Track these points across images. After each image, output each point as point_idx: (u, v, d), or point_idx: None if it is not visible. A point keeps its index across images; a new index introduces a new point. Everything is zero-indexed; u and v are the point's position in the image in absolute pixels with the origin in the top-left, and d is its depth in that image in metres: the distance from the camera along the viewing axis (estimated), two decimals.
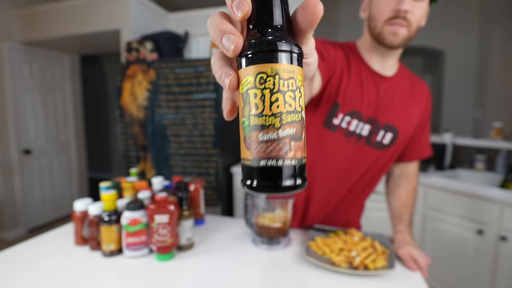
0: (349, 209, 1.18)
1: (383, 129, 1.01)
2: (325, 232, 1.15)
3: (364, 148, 1.02)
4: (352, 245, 0.99)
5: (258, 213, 1.11)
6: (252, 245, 1.11)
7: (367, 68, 0.99)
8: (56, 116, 4.15)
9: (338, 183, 1.08)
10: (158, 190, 1.22)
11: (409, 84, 1.06)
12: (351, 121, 0.98)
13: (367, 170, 1.07)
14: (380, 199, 2.45)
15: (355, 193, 1.13)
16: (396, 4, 0.85)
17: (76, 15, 3.20)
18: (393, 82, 1.01)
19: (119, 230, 0.99)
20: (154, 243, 0.96)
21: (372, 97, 0.98)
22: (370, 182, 1.12)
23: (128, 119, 2.75)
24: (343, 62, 0.97)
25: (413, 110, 1.05)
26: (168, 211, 0.94)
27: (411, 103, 1.05)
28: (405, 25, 0.87)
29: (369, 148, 1.02)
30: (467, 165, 2.77)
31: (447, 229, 2.25)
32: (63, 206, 4.31)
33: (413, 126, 1.07)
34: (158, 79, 2.64)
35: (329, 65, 0.92)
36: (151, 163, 2.73)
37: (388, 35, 0.90)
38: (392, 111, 1.01)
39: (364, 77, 0.97)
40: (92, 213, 1.02)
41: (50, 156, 4.07)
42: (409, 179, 1.16)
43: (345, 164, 1.04)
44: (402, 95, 1.03)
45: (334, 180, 1.07)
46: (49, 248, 1.07)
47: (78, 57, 4.45)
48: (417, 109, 1.06)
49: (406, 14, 0.86)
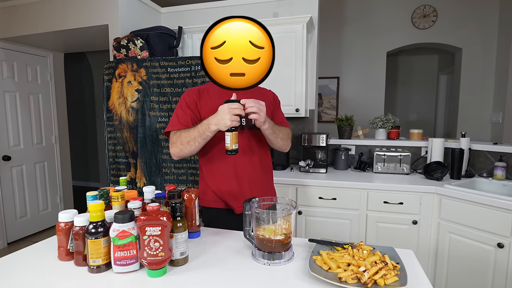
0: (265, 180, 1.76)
1: None
2: (331, 245, 1.15)
3: (248, 132, 1.63)
4: (360, 260, 0.99)
5: (258, 225, 1.11)
6: (251, 260, 1.11)
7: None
8: (39, 119, 4.15)
9: (244, 161, 1.63)
10: (150, 200, 1.22)
11: (256, 90, 1.63)
12: None
13: (256, 146, 1.67)
14: (389, 209, 2.46)
15: (258, 166, 1.68)
16: None
17: (60, 9, 3.20)
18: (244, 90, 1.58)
19: (107, 243, 0.99)
20: (145, 258, 0.96)
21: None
22: (263, 155, 1.74)
23: (117, 122, 2.75)
24: (196, 96, 1.62)
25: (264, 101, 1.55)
26: (160, 223, 0.95)
27: (261, 98, 1.57)
28: None
29: (251, 130, 1.63)
30: (486, 173, 2.77)
31: (464, 242, 2.24)
32: (46, 217, 4.30)
33: (269, 110, 1.69)
34: (150, 79, 2.65)
35: (193, 109, 1.59)
36: (142, 171, 2.73)
37: None
38: None
39: (222, 93, 1.49)
40: (77, 225, 1.03)
41: (32, 162, 4.07)
42: None
43: (243, 146, 1.59)
44: (255, 95, 1.58)
45: (242, 159, 1.62)
46: (29, 263, 1.07)
47: (63, 54, 4.47)
48: (268, 103, 1.66)
49: None
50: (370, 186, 2.51)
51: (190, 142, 1.47)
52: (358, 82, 5.00)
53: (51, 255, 1.11)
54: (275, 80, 2.87)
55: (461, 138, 2.79)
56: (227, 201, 1.64)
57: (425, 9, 4.55)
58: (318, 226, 2.64)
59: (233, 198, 1.63)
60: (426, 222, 2.42)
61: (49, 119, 4.30)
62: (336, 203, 2.58)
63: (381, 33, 4.76)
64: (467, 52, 4.47)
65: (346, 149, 3.08)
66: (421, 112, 6.10)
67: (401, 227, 2.47)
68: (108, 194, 1.20)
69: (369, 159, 3.13)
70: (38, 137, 4.15)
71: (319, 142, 2.88)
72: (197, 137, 1.44)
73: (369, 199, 2.52)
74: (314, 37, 3.20)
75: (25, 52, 3.91)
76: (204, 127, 1.41)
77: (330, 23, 4.86)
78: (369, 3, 4.77)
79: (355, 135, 3.34)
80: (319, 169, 2.90)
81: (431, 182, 2.54)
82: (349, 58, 4.99)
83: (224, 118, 1.32)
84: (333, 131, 3.69)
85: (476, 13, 4.35)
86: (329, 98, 5.21)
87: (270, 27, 2.82)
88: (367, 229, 2.55)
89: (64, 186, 4.57)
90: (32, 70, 4.02)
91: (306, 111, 3.01)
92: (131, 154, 2.75)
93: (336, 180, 2.60)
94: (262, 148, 1.72)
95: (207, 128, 1.40)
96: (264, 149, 1.75)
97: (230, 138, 1.35)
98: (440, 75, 5.79)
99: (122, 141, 2.76)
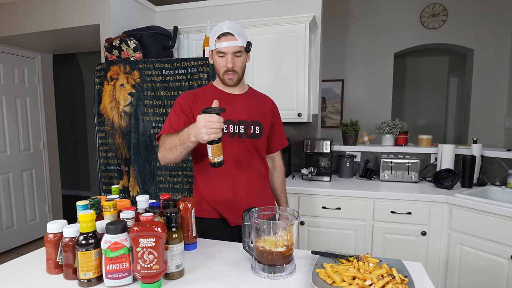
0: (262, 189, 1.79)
1: (252, 124, 1.67)
2: (335, 257, 1.15)
3: (246, 140, 1.66)
4: (366, 273, 0.99)
5: (258, 236, 1.11)
6: (251, 273, 1.11)
7: (222, 92, 1.68)
8: (26, 124, 4.16)
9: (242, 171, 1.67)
10: (143, 210, 1.22)
11: (256, 97, 1.80)
12: (228, 127, 1.62)
13: (254, 155, 1.72)
14: (396, 219, 2.46)
15: (256, 175, 1.72)
16: (225, 64, 1.59)
17: (48, 8, 3.22)
18: (243, 96, 1.72)
19: (98, 256, 0.99)
20: (139, 271, 0.96)
21: (230, 108, 1.58)
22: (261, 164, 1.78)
23: (109, 127, 2.76)
24: (191, 100, 1.65)
25: (264, 110, 1.77)
26: (154, 234, 0.95)
27: (262, 107, 1.77)
28: (234, 74, 1.61)
29: (249, 139, 1.66)
30: (499, 181, 2.77)
31: (476, 254, 2.24)
32: (34, 228, 4.29)
33: (269, 121, 1.78)
34: (143, 82, 2.66)
35: (187, 113, 1.62)
36: (135, 179, 2.73)
37: (227, 80, 1.63)
38: (252, 112, 1.69)
39: (219, 98, 1.49)
40: (67, 236, 1.03)
41: (19, 170, 4.07)
42: (279, 171, 1.96)
43: (240, 155, 1.65)
44: (254, 102, 1.74)
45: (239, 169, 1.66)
46: (16, 276, 1.07)
47: (51, 56, 4.49)
48: (267, 110, 1.79)
49: (233, 68, 1.58)
50: (376, 195, 2.51)
51: (172, 149, 1.45)
52: (363, 85, 5.01)
53: (39, 268, 1.11)
54: (276, 83, 2.89)
55: (472, 145, 2.79)
56: (221, 212, 1.65)
57: (435, 7, 4.57)
58: (322, 237, 2.64)
59: (228, 209, 1.64)
60: (436, 233, 2.42)
61: (37, 124, 4.31)
62: (341, 213, 2.58)
63: (388, 33, 4.78)
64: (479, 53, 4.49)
65: (351, 156, 3.09)
66: (431, 116, 6.11)
67: (409, 239, 2.47)
68: (99, 204, 1.20)
69: (375, 166, 3.13)
70: (26, 143, 4.16)
71: (322, 148, 2.88)
72: (178, 145, 1.41)
73: (375, 209, 2.52)
74: (317, 37, 3.22)
75: (12, 53, 3.92)
76: (184, 136, 1.36)
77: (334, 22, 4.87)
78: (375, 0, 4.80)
79: (360, 141, 3.35)
80: (322, 177, 2.91)
81: (441, 191, 2.54)
82: (354, 59, 5.00)
83: (201, 132, 1.24)
84: (337, 137, 3.69)
85: (489, 12, 4.36)
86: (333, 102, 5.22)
87: (270, 27, 2.88)
88: (373, 241, 2.55)
89: (53, 195, 4.57)
90: (19, 72, 4.04)
91: (308, 115, 3.02)
92: (124, 161, 2.76)
93: (340, 189, 2.60)
94: (260, 156, 1.76)
95: (187, 138, 1.35)
96: (262, 158, 1.79)
97: (211, 151, 1.30)
98: (450, 77, 5.81)
99: (114, 147, 2.77)
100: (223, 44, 1.55)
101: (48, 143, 4.46)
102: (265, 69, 2.94)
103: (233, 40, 1.55)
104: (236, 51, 1.57)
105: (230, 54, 1.56)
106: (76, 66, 6.16)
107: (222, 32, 1.56)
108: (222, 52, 1.57)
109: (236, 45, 1.56)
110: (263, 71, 2.95)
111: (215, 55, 1.61)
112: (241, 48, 1.58)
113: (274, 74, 2.92)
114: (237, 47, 1.57)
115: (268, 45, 2.90)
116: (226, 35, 1.55)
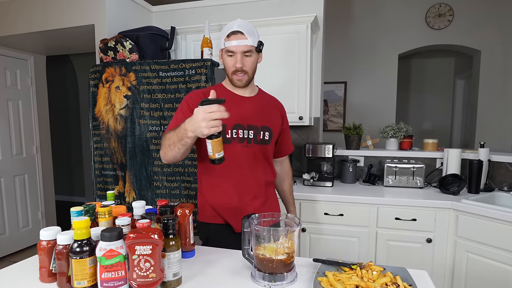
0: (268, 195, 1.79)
1: (261, 130, 1.67)
2: (337, 265, 1.15)
3: (255, 146, 1.65)
4: (370, 281, 0.99)
5: (258, 243, 1.12)
6: (250, 281, 1.11)
7: (231, 93, 1.67)
8: (18, 127, 4.16)
9: (248, 177, 1.66)
10: (140, 216, 1.22)
11: (266, 100, 1.79)
12: (237, 132, 1.61)
13: (262, 161, 1.72)
14: (401, 226, 2.46)
15: (262, 182, 1.72)
16: (233, 64, 1.57)
17: (41, 8, 3.22)
18: (253, 99, 1.71)
19: (93, 264, 0.99)
20: (135, 279, 0.96)
21: (240, 111, 1.62)
22: (268, 170, 1.78)
23: (104, 131, 2.76)
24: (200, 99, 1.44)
25: (274, 115, 1.78)
26: (151, 241, 0.95)
27: (272, 112, 1.77)
28: (243, 75, 1.60)
29: (258, 145, 1.66)
30: (507, 187, 2.77)
31: (483, 261, 2.24)
32: (26, 235, 4.28)
33: (279, 126, 1.79)
34: (140, 84, 2.66)
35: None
36: (131, 184, 2.73)
37: (236, 81, 1.62)
38: (262, 117, 1.69)
39: (228, 99, 1.42)
40: (61, 243, 1.03)
41: (11, 175, 4.06)
42: (287, 174, 2.01)
43: (248, 161, 1.65)
44: (264, 106, 1.75)
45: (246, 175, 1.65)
46: (8, 285, 1.07)
47: (45, 57, 4.50)
48: (277, 115, 1.80)
49: (242, 68, 1.57)
50: (380, 201, 2.51)
51: (171, 145, 1.40)
52: (367, 87, 5.02)
53: (32, 276, 1.11)
54: (277, 85, 2.89)
55: (479, 149, 2.80)
56: (225, 218, 1.64)
57: (440, 7, 4.59)
58: (324, 244, 2.64)
59: (233, 215, 1.63)
60: (442, 240, 2.42)
61: (29, 127, 4.31)
62: (343, 219, 2.58)
63: (392, 33, 4.80)
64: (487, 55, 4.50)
65: (354, 161, 3.09)
66: (436, 120, 6.11)
67: (414, 246, 2.47)
68: (94, 210, 1.20)
69: (379, 171, 3.14)
70: (18, 147, 4.16)
71: (324, 153, 2.88)
72: (176, 142, 1.36)
73: (379, 215, 2.52)
74: (319, 38, 3.23)
75: (3, 54, 3.93)
76: (181, 132, 1.31)
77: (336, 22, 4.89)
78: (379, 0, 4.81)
79: (364, 145, 3.35)
80: (324, 183, 2.91)
81: (447, 196, 2.54)
82: (357, 61, 5.01)
83: (200, 126, 1.19)
84: (340, 141, 3.69)
85: (496, 12, 4.37)
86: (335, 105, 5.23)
87: (270, 27, 2.88)
88: (377, 248, 2.55)
89: (46, 201, 4.57)
90: (11, 74, 4.04)
91: (310, 119, 3.02)
92: (119, 166, 2.76)
93: (343, 195, 2.60)
94: (267, 162, 1.76)
95: (184, 134, 1.29)
96: (269, 163, 1.79)
97: (211, 146, 1.25)
98: (456, 79, 5.82)
99: (109, 151, 2.77)
100: (232, 43, 1.54)
101: (41, 147, 4.46)
102: (265, 71, 2.93)
103: (243, 39, 1.54)
104: (245, 51, 1.55)
105: (239, 53, 1.55)
106: (70, 67, 6.18)
107: (232, 31, 1.54)
108: (231, 51, 1.56)
109: (245, 44, 1.54)
110: (263, 73, 2.93)
111: (224, 54, 1.60)
112: (251, 47, 1.56)
113: (275, 75, 2.92)
114: (246, 46, 1.55)
115: (268, 46, 2.88)
116: (235, 34, 1.54)
